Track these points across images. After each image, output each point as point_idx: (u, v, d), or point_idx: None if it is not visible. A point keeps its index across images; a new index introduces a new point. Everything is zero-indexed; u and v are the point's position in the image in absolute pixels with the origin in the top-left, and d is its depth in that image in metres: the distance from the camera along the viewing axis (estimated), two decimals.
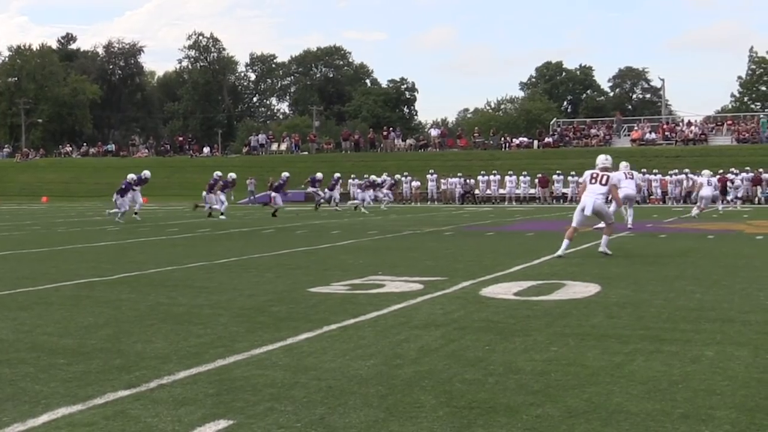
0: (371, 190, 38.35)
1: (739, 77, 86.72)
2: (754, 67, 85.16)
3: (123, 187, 27.05)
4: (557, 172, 46.79)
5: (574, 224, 13.34)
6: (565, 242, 13.15)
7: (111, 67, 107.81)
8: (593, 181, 13.46)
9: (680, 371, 5.27)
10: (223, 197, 29.83)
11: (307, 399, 4.67)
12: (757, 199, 41.58)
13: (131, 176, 27.85)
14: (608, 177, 13.50)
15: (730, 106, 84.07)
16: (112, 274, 11.15)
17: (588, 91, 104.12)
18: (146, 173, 29.17)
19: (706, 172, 29.21)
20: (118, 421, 4.27)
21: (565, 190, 46.03)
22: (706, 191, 27.67)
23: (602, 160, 13.72)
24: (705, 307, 7.89)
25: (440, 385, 4.96)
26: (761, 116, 58.91)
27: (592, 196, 13.29)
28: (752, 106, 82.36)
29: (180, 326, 7.06)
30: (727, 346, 6.03)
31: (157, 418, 4.32)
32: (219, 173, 30.52)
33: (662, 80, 79.39)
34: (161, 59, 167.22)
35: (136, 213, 27.62)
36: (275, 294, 9.09)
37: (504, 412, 4.38)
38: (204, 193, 30.24)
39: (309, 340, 6.41)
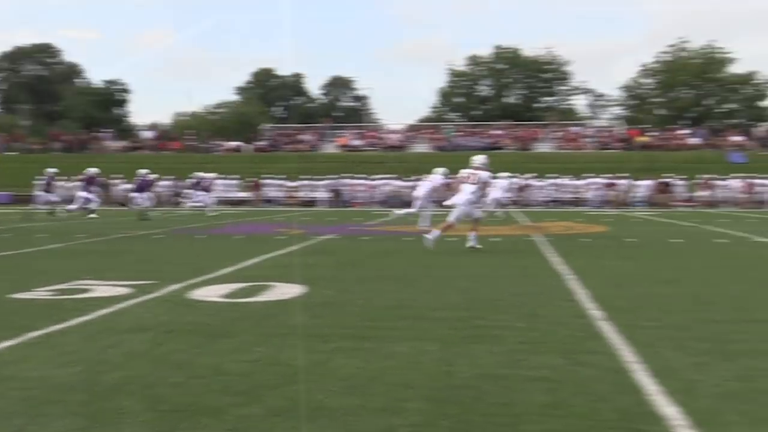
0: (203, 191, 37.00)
1: (439, 89, 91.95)
2: (452, 79, 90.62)
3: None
4: (268, 175, 47.42)
5: (452, 220, 15.15)
6: (472, 234, 15.10)
7: None
8: (466, 180, 15.06)
9: (377, 367, 5.57)
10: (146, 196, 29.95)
11: (5, 410, 4.52)
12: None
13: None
14: (477, 176, 14.95)
15: (430, 116, 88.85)
16: None
17: (300, 98, 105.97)
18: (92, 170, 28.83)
19: (502, 174, 31.85)
20: None
21: (275, 194, 46.74)
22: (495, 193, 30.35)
23: (473, 159, 15.43)
24: (401, 305, 8.36)
25: (145, 389, 4.97)
26: (445, 126, 63.29)
27: (462, 195, 15.00)
28: (449, 116, 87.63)
29: None
30: (419, 341, 6.43)
31: None
32: (146, 171, 30.96)
33: (369, 89, 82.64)
34: None
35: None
36: None
37: (209, 414, 4.47)
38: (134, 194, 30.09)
39: (10, 349, 6.16)
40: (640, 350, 6.04)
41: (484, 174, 15.31)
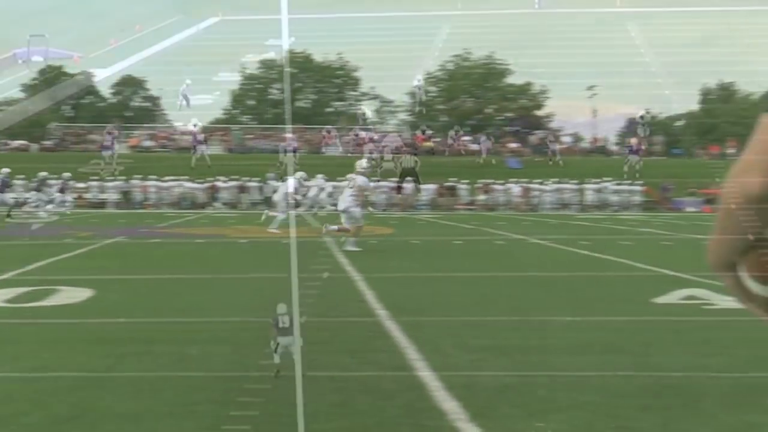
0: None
1: (231, 91, 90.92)
2: (244, 82, 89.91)
3: None
4: (55, 176, 45.43)
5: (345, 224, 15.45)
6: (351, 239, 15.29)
7: None
8: (347, 184, 15.97)
9: (168, 370, 5.54)
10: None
11: None
12: (242, 205, 43.74)
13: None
14: (354, 180, 15.66)
15: (222, 118, 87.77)
16: None
17: (89, 97, 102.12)
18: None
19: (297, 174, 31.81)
20: None
21: (69, 197, 44.85)
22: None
23: (357, 164, 16.32)
24: (193, 307, 8.33)
25: None
26: (234, 128, 63.30)
27: (343, 198, 15.72)
28: (242, 118, 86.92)
29: None
30: (210, 344, 6.44)
31: None
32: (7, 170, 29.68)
33: (161, 89, 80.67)
34: None
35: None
36: None
37: None
38: None
39: None
40: (423, 348, 6.30)
41: (360, 178, 15.93)
